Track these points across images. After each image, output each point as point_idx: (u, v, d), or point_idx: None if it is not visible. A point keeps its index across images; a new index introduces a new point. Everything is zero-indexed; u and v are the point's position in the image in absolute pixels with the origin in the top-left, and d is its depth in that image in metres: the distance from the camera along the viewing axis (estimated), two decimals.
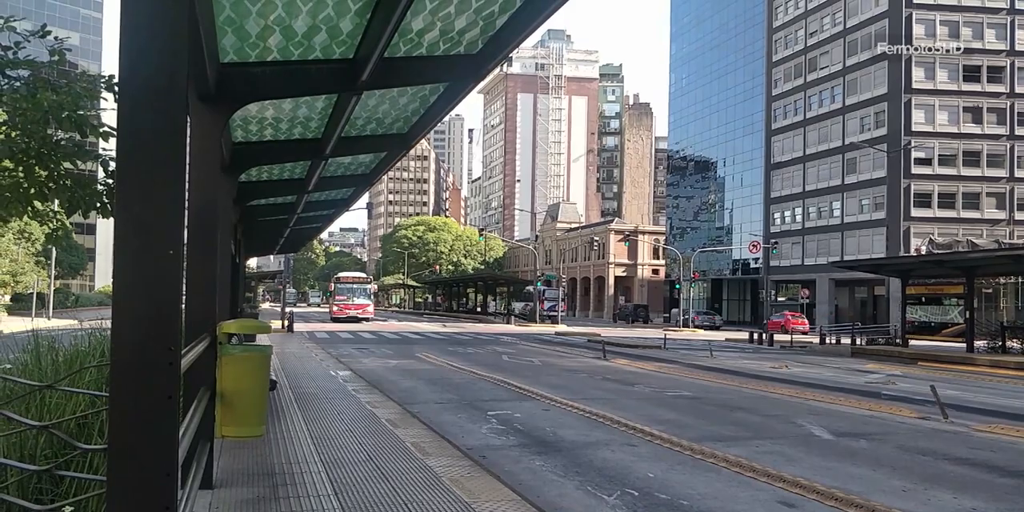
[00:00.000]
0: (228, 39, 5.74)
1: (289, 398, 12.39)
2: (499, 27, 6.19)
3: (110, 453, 2.89)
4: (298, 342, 28.40)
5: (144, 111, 2.91)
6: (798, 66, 65.02)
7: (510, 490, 6.66)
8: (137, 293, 2.83)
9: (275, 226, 20.95)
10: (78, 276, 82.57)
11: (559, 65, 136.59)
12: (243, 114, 8.07)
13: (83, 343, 9.20)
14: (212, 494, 6.10)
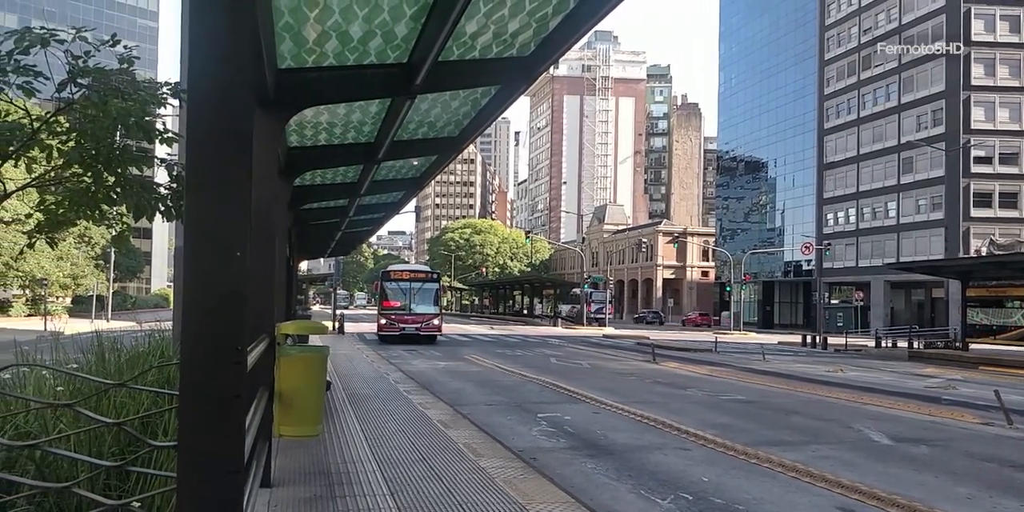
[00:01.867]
0: (286, 45, 5.85)
1: (342, 398, 12.54)
2: (552, 29, 6.20)
3: (180, 450, 2.96)
4: (349, 344, 28.79)
5: (211, 117, 2.98)
6: (851, 64, 63.71)
7: (564, 492, 6.65)
8: (205, 294, 2.89)
9: (327, 229, 21.26)
10: (135, 279, 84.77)
11: (606, 66, 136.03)
12: (298, 119, 8.21)
13: (143, 344, 9.45)
14: (271, 493, 6.21)
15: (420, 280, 33.11)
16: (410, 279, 32.93)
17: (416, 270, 35.01)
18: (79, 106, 4.96)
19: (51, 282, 49.69)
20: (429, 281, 33.34)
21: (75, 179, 5.36)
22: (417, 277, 33.34)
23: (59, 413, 5.14)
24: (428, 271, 35.01)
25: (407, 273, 33.60)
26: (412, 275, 33.44)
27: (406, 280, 32.83)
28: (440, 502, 6.17)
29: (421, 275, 33.69)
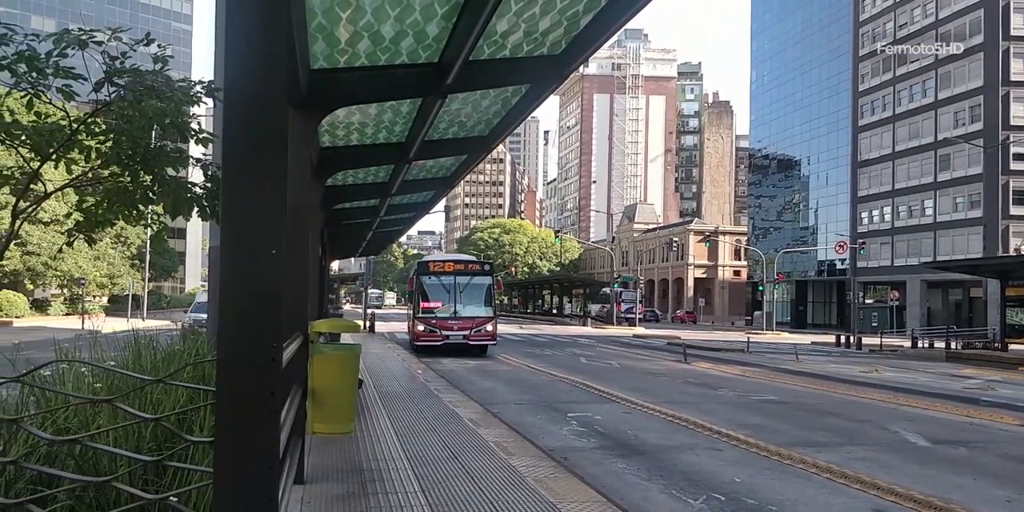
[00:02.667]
0: (319, 46, 5.90)
1: (374, 397, 12.62)
2: (583, 27, 6.19)
3: (216, 446, 3.00)
4: (380, 342, 28.97)
5: (247, 117, 3.02)
6: (886, 60, 62.73)
7: (595, 491, 6.63)
8: (242, 291, 2.93)
9: (358, 229, 21.42)
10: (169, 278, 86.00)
11: (636, 64, 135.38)
12: (331, 119, 8.27)
13: (178, 342, 9.60)
14: (304, 489, 6.27)
15: (468, 273, 25.35)
16: (455, 272, 25.17)
17: (462, 260, 26.99)
18: (116, 107, 5.05)
19: (88, 281, 50.60)
20: (479, 274, 25.62)
21: (113, 179, 5.45)
22: (464, 269, 25.52)
23: (97, 410, 5.23)
24: (477, 262, 27.58)
25: (451, 264, 25.63)
26: (458, 267, 25.54)
27: (450, 273, 25.05)
28: (471, 500, 6.18)
29: (469, 267, 25.94)
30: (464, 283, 25.03)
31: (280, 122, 3.08)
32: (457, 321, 24.19)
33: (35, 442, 4.53)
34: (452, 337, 23.92)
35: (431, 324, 24.16)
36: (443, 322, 24.18)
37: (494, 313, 25.26)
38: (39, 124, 5.07)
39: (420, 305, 24.64)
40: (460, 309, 24.48)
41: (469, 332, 24.09)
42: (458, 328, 24.06)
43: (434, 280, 25.10)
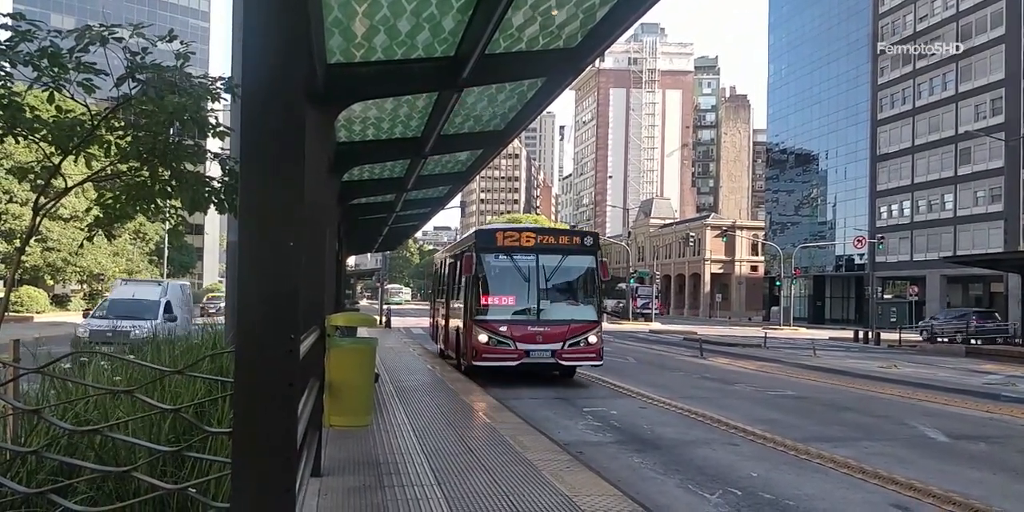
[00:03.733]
0: (335, 40, 5.91)
1: (390, 391, 12.68)
2: (599, 19, 6.17)
3: (234, 437, 3.02)
4: (396, 337, 29.05)
5: (264, 111, 3.03)
6: (906, 53, 62.09)
7: (610, 485, 6.63)
8: (260, 283, 2.95)
9: (374, 224, 21.49)
10: (188, 274, 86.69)
11: (652, 59, 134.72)
12: (347, 114, 8.29)
13: (197, 336, 9.70)
14: (321, 481, 6.31)
15: (560, 250, 15.99)
16: (540, 247, 15.84)
17: (551, 231, 17.64)
18: (136, 102, 5.09)
19: (108, 277, 51.10)
20: (577, 252, 16.12)
21: (132, 174, 5.50)
22: (554, 244, 16.10)
23: (117, 402, 5.30)
24: (575, 232, 19.11)
25: (534, 236, 16.08)
26: (545, 240, 16.11)
27: (530, 250, 15.77)
28: (486, 493, 6.20)
29: (563, 241, 16.33)
30: (553, 267, 15.62)
31: (297, 117, 3.09)
32: (542, 328, 15.06)
33: (56, 433, 4.59)
34: (535, 353, 14.92)
35: (500, 333, 14.87)
36: (520, 329, 14.98)
37: (599, 315, 15.89)
38: (60, 119, 5.13)
39: (480, 301, 15.20)
40: (547, 309, 15.33)
41: (562, 346, 15.02)
42: (544, 339, 15.00)
43: (504, 261, 15.49)
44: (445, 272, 20.44)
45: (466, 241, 17.83)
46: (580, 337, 15.27)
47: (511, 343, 14.91)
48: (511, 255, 15.53)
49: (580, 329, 15.29)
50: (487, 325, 14.97)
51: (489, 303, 15.26)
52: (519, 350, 14.89)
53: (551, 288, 15.75)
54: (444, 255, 22.67)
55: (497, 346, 14.90)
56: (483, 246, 15.62)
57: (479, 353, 14.91)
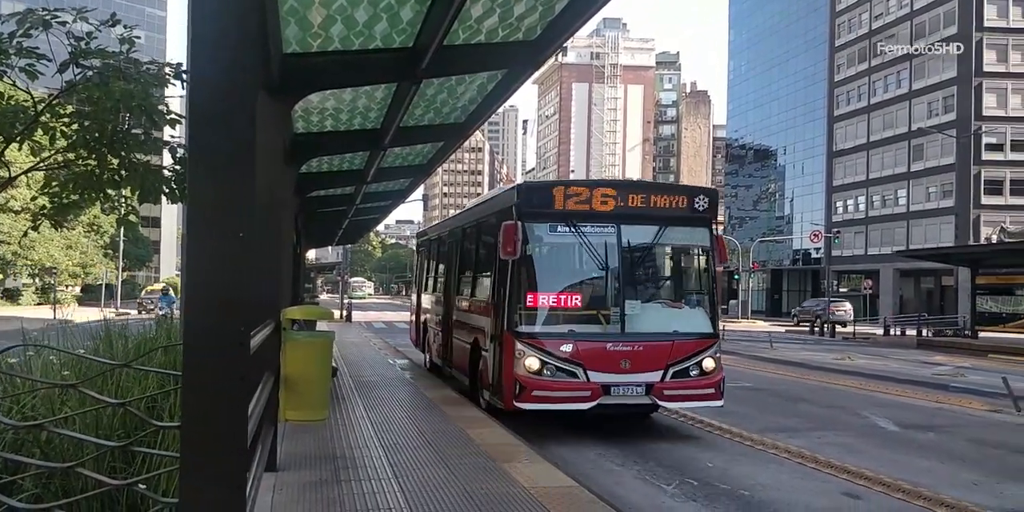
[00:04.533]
0: (291, 30, 5.82)
1: (349, 385, 12.59)
2: (558, 12, 6.15)
3: (183, 431, 2.97)
4: (357, 331, 28.87)
5: (215, 99, 2.97)
6: (862, 50, 63.19)
7: (568, 477, 6.65)
8: (209, 275, 2.90)
9: (334, 217, 21.27)
10: (144, 267, 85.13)
11: (615, 54, 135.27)
12: (304, 105, 8.18)
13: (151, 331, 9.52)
14: (276, 476, 6.25)
15: (658, 217, 9.81)
16: (624, 214, 9.60)
17: (642, 188, 11.10)
18: (82, 89, 4.97)
19: (60, 271, 49.96)
20: (684, 221, 10.05)
21: (80, 162, 5.37)
22: (649, 208, 9.76)
23: (65, 397, 5.18)
24: (682, 190, 10.79)
25: (613, 195, 9.59)
26: (636, 202, 9.70)
27: (610, 217, 9.57)
28: (444, 486, 6.19)
29: (662, 203, 9.85)
30: (646, 245, 9.98)
31: (249, 105, 3.03)
32: (630, 346, 9.33)
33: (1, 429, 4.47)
34: (620, 389, 9.17)
35: (560, 355, 9.17)
36: (594, 348, 9.27)
37: (715, 325, 10.21)
38: (2, 106, 4.98)
39: (523, 301, 9.49)
40: (637, 315, 9.55)
41: (662, 375, 9.31)
42: (633, 365, 9.24)
43: (565, 235, 9.65)
44: (446, 255, 14.44)
45: (496, 203, 10.71)
46: (689, 361, 9.27)
47: (580, 372, 8.92)
48: (577, 226, 9.37)
49: (689, 348, 9.34)
50: (538, 342, 9.05)
51: (540, 305, 9.28)
52: (593, 384, 8.87)
53: (642, 280, 9.99)
54: (443, 230, 15.32)
55: (555, 377, 8.91)
56: (531, 210, 9.39)
57: (526, 389, 8.86)
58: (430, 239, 17.10)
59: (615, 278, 9.44)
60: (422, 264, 17.98)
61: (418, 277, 18.59)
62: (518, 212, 9.36)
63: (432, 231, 17.30)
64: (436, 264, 15.94)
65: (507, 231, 8.94)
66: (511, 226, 8.96)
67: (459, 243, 13.31)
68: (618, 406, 9.15)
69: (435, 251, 16.16)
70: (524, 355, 8.99)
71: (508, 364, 9.16)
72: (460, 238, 13.26)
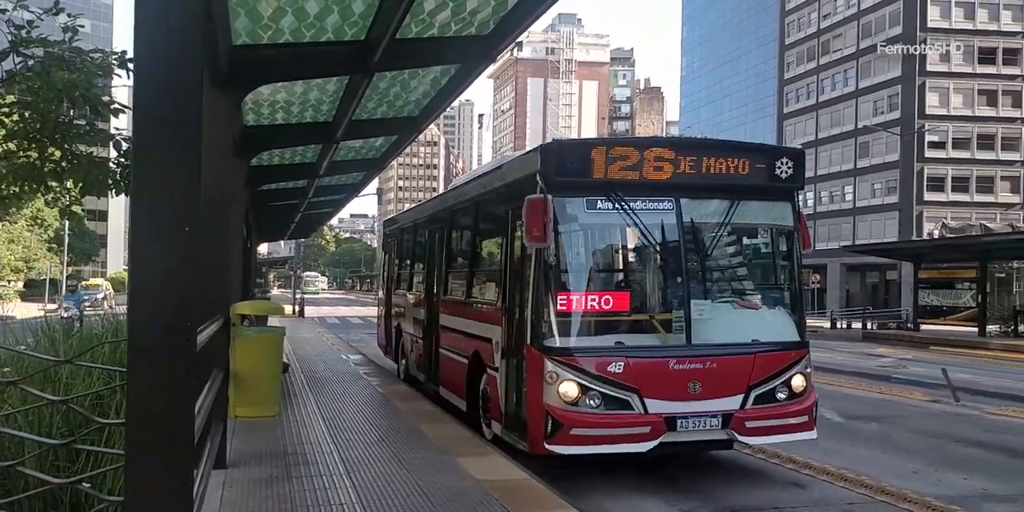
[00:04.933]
0: (240, 21, 5.74)
1: (301, 382, 12.47)
2: (511, 7, 6.17)
3: (128, 428, 2.94)
4: (309, 327, 28.59)
5: (160, 91, 2.93)
6: (811, 49, 64.41)
7: (522, 470, 6.69)
8: (154, 269, 2.86)
9: (286, 211, 21.02)
10: (90, 262, 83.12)
11: (570, 49, 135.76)
12: (254, 97, 8.06)
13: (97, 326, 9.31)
14: (226, 473, 6.17)
15: (727, 187, 7.30)
16: (685, 182, 7.16)
17: (706, 147, 8.10)
18: (22, 78, 4.83)
19: (2, 266, 48.50)
20: (761, 193, 7.52)
21: (20, 154, 5.23)
22: (716, 174, 7.18)
23: (6, 395, 5.06)
24: (757, 150, 8.31)
25: (671, 156, 7.04)
26: (704, 166, 7.13)
27: (667, 188, 7.11)
28: (396, 481, 6.19)
29: (733, 168, 7.24)
30: (714, 225, 7.40)
31: (195, 97, 2.99)
32: (699, 363, 6.88)
33: None
34: (689, 421, 6.76)
35: (607, 376, 6.66)
36: (652, 368, 6.84)
37: (803, 330, 7.80)
38: None
39: (554, 304, 6.86)
40: (706, 319, 7.08)
41: (742, 401, 6.95)
42: (705, 389, 6.81)
43: (608, 214, 7.06)
44: (427, 246, 11.93)
45: (507, 173, 8.20)
46: (776, 380, 7.12)
47: (635, 400, 6.69)
48: (624, 202, 6.99)
49: (775, 362, 7.17)
50: (577, 359, 6.73)
51: (577, 308, 6.98)
52: (654, 417, 6.68)
53: (710, 273, 7.63)
54: (421, 215, 12.96)
55: (602, 409, 6.66)
56: (563, 180, 6.93)
57: (562, 426, 6.57)
58: (402, 228, 14.48)
59: (675, 271, 7.11)
60: (392, 257, 15.41)
61: (387, 273, 15.78)
62: (545, 182, 6.82)
63: (406, 218, 14.75)
64: (412, 257, 13.50)
65: (532, 208, 6.48)
66: (537, 202, 6.50)
67: (446, 230, 10.83)
68: (686, 444, 6.92)
69: (411, 241, 13.57)
70: (558, 378, 6.53)
71: (534, 391, 6.70)
72: (448, 224, 10.78)
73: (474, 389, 8.68)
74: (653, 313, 7.19)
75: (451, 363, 9.73)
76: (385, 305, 15.43)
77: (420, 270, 12.52)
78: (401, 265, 14.65)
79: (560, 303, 6.82)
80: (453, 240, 10.74)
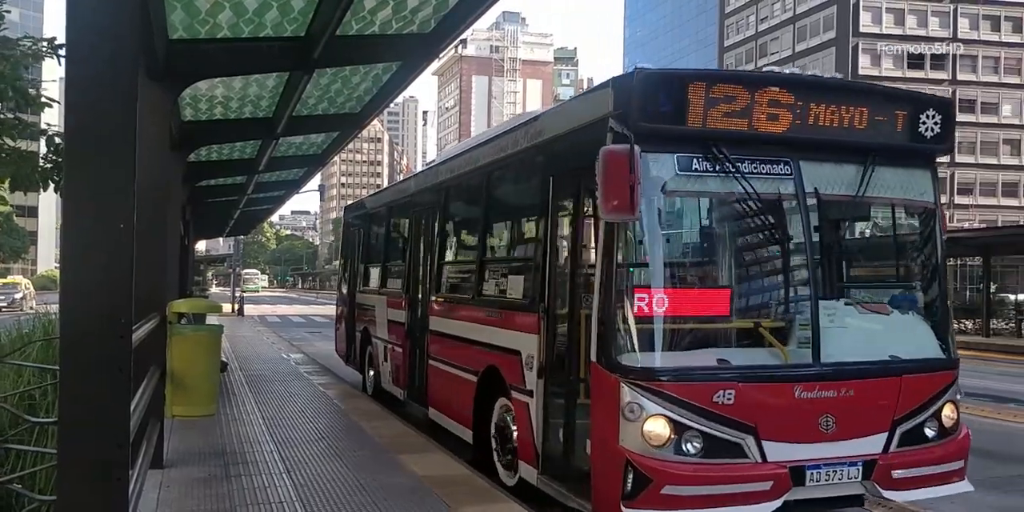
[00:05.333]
0: (177, 15, 5.67)
1: (240, 380, 12.31)
2: (452, 6, 6.22)
3: (60, 426, 2.91)
4: (249, 326, 28.12)
5: (93, 84, 2.91)
6: (749, 51, 65.89)
7: (462, 465, 6.75)
8: (87, 266, 2.84)
9: (225, 207, 20.69)
10: (20, 260, 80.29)
11: (514, 48, 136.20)
12: (192, 92, 7.96)
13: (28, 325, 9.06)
14: (163, 473, 6.09)
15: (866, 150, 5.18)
16: (815, 142, 5.08)
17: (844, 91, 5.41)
18: None
19: None
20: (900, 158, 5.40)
21: None
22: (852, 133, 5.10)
23: None
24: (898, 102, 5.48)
25: (790, 101, 4.92)
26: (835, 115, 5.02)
27: (785, 146, 5.00)
28: (337, 479, 6.18)
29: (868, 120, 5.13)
30: (846, 202, 5.32)
31: (129, 91, 2.97)
32: (831, 390, 4.82)
33: None
34: (818, 472, 4.72)
35: (713, 412, 4.56)
36: (773, 397, 4.79)
37: (950, 343, 5.52)
38: None
39: (632, 302, 4.70)
40: (837, 329, 5.02)
41: (885, 442, 4.96)
42: (840, 427, 4.79)
43: (707, 177, 4.86)
44: (413, 231, 9.79)
45: (559, 120, 5.95)
46: (924, 412, 5.22)
47: (749, 443, 4.67)
48: (730, 161, 4.86)
49: (923, 388, 5.26)
50: (669, 385, 4.60)
51: (667, 312, 4.76)
52: (775, 466, 4.69)
53: (839, 266, 5.95)
54: (401, 195, 10.56)
55: (706, 457, 4.60)
56: (652, 127, 4.73)
57: (652, 481, 4.49)
58: (372, 213, 12.21)
59: (796, 262, 5.13)
60: (359, 248, 13.19)
61: (351, 267, 13.50)
62: (629, 123, 4.66)
63: (378, 201, 12.26)
64: (388, 247, 11.34)
65: (612, 166, 4.38)
66: (620, 156, 4.38)
67: (440, 212, 8.60)
68: (816, 504, 4.91)
69: (385, 228, 11.40)
70: (642, 413, 4.51)
71: (604, 428, 4.72)
72: (443, 204, 8.53)
73: (483, 420, 6.80)
74: (763, 319, 5.04)
75: (449, 380, 7.71)
76: (347, 305, 13.13)
77: (400, 262, 10.29)
78: (371, 257, 12.34)
79: (646, 304, 4.64)
80: (452, 223, 8.68)
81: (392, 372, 10.05)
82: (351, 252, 13.80)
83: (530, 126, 6.30)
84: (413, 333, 9.16)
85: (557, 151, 5.72)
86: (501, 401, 6.44)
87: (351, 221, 14.11)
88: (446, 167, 8.64)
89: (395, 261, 10.83)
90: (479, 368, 6.80)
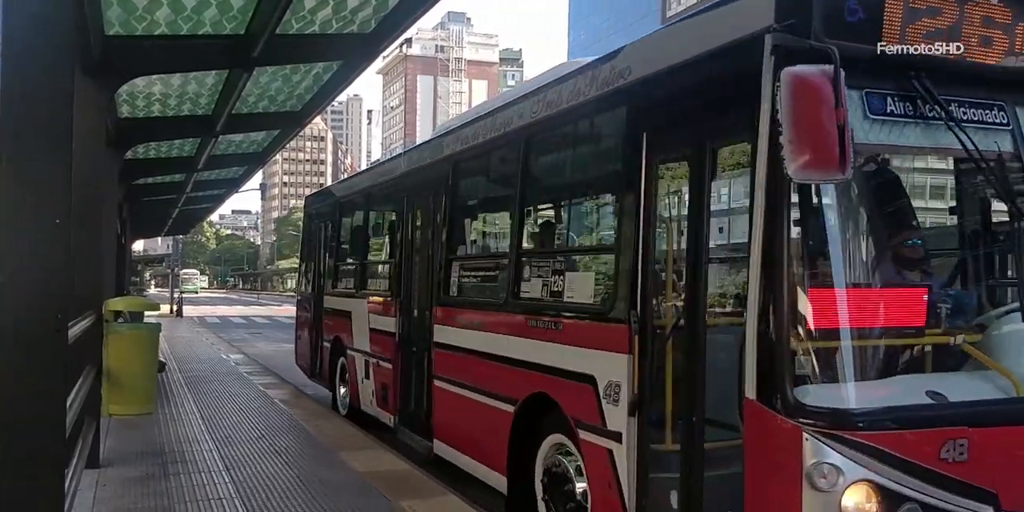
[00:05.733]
0: (113, 11, 5.63)
1: (179, 381, 12.15)
2: (392, 7, 6.28)
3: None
4: (188, 326, 27.61)
5: (26, 79, 2.93)
6: None
7: (403, 461, 6.81)
8: (22, 261, 2.86)
9: (163, 206, 20.33)
10: None
11: (459, 48, 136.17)
12: (130, 89, 7.88)
13: None
14: (99, 473, 6.02)
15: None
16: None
17: None
18: None
19: None
20: None
21: None
22: None
23: None
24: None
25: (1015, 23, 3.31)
26: None
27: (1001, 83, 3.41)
28: (277, 477, 6.19)
29: None
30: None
31: (64, 87, 3.00)
32: None
33: None
34: None
35: (939, 473, 2.89)
36: (1011, 449, 3.06)
37: None
38: None
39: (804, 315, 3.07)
40: None
41: None
42: None
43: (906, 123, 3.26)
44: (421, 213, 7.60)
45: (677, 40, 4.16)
46: None
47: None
48: (936, 100, 3.23)
49: None
50: (874, 437, 2.89)
51: (856, 324, 3.14)
52: None
53: None
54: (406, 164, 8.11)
55: None
56: (840, 44, 2.90)
57: None
58: (345, 202, 10.46)
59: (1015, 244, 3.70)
60: (329, 244, 11.02)
61: (315, 265, 11.68)
62: (812, 37, 3.01)
63: (352, 187, 10.55)
64: (370, 239, 9.68)
65: (805, 96, 2.80)
66: (816, 80, 2.80)
67: (446, 193, 6.65)
68: None
69: (366, 218, 9.71)
70: (839, 478, 2.86)
71: (771, 504, 3.08)
72: (452, 183, 6.62)
73: (523, 457, 5.08)
74: (971, 331, 3.48)
75: (468, 408, 5.93)
76: (310, 310, 11.36)
77: (386, 259, 8.90)
78: (344, 254, 10.54)
79: (845, 314, 3.12)
80: (466, 208, 6.95)
81: (376, 392, 8.33)
82: (315, 248, 11.70)
83: (599, 69, 4.82)
84: (408, 345, 7.48)
85: (657, 96, 4.08)
86: (553, 439, 4.77)
87: (314, 213, 12.13)
88: (454, 137, 6.74)
89: (379, 257, 9.42)
90: (518, 396, 5.06)
